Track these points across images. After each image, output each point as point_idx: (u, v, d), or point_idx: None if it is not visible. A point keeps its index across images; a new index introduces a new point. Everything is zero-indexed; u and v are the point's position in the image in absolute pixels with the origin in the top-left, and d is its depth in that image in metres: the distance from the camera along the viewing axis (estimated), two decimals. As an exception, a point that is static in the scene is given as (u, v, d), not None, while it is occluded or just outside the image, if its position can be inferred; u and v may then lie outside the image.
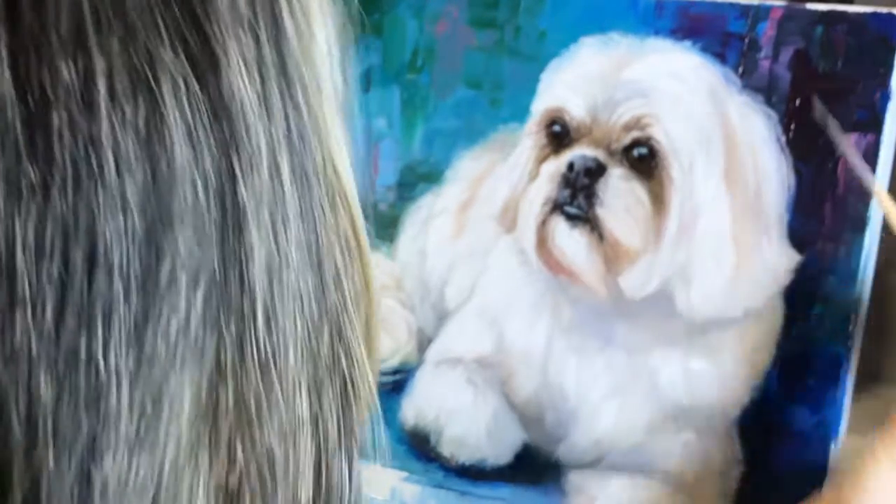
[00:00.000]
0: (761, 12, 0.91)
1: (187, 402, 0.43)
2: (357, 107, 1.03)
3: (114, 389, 0.41)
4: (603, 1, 0.95)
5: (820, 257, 0.89)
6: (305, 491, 0.47)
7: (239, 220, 0.43)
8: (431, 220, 1.01)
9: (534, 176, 0.96)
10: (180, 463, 0.43)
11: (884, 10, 0.88)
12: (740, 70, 0.91)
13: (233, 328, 0.43)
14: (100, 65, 0.40)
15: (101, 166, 0.40)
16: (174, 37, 0.42)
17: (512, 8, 0.98)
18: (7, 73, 0.39)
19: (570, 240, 0.94)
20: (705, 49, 0.92)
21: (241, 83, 0.43)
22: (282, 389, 0.46)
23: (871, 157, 0.88)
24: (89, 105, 0.40)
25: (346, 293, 0.48)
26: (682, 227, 0.91)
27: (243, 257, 0.44)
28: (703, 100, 0.91)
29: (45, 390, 0.40)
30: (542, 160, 0.95)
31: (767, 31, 0.90)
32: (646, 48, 0.93)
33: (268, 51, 0.45)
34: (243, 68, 0.44)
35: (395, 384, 1.02)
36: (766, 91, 0.90)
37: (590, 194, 0.93)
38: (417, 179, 1.01)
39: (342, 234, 0.49)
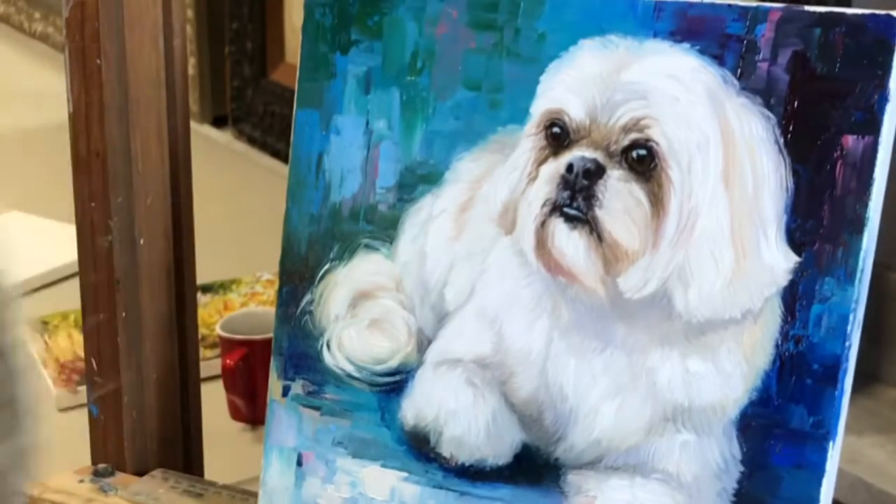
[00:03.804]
0: (760, 14, 0.91)
1: None
2: (357, 108, 1.04)
3: None
4: (602, 3, 0.95)
5: (818, 258, 0.90)
6: None
7: None
8: (431, 221, 1.02)
9: (533, 177, 0.96)
10: None
11: (882, 11, 0.88)
12: (739, 72, 0.91)
13: None
14: None
15: None
16: None
17: (511, 10, 0.98)
18: None
19: (569, 241, 0.94)
20: (704, 51, 0.92)
21: None
22: None
23: (868, 159, 0.88)
24: None
25: None
26: (681, 228, 0.92)
27: None
28: (702, 102, 0.92)
29: None
30: (541, 162, 0.96)
31: (766, 33, 0.91)
32: (644, 50, 0.93)
33: None
34: None
35: (395, 385, 1.02)
36: (764, 93, 0.91)
37: (589, 196, 0.93)
38: (417, 181, 1.02)
39: None
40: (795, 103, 0.90)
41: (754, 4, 0.92)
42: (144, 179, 1.14)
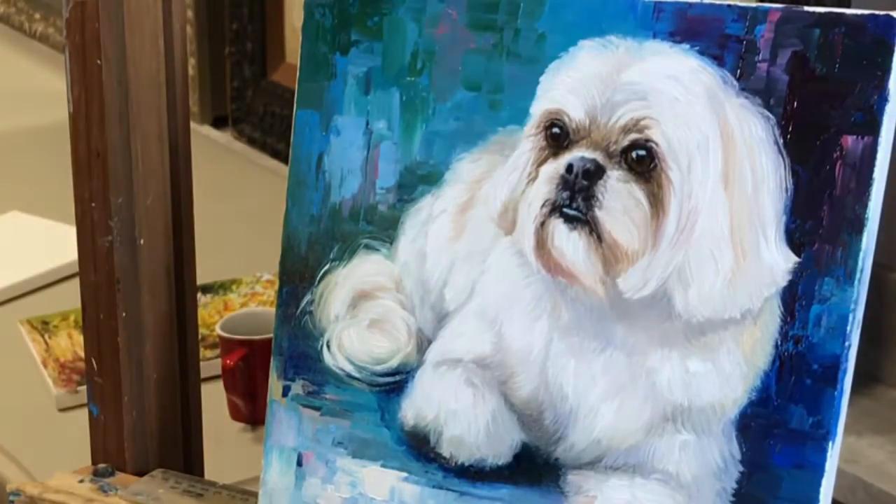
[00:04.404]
0: (759, 15, 0.91)
1: None
2: (357, 109, 1.04)
3: None
4: (601, 4, 0.95)
5: (817, 259, 0.90)
6: None
7: None
8: (431, 221, 1.02)
9: (533, 178, 0.96)
10: None
11: (882, 12, 0.88)
12: (738, 72, 0.92)
13: None
14: None
15: None
16: None
17: (511, 11, 0.98)
18: None
19: (568, 241, 0.94)
20: (703, 52, 0.92)
21: None
22: None
23: (868, 159, 0.88)
24: None
25: None
26: (681, 228, 0.92)
27: None
28: (702, 102, 0.92)
29: None
30: (541, 162, 0.96)
31: (765, 33, 0.91)
32: (644, 51, 0.94)
33: None
34: None
35: (395, 385, 1.02)
36: (763, 93, 0.91)
37: (588, 196, 0.93)
38: (417, 181, 1.02)
39: None
40: (795, 104, 0.90)
41: (754, 5, 0.92)
42: (144, 179, 1.15)
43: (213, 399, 1.46)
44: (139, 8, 1.12)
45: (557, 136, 0.95)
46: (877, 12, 0.88)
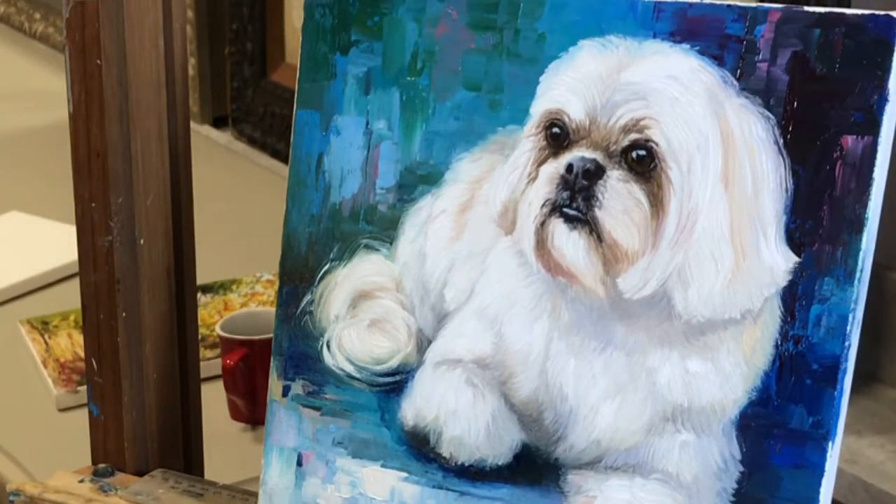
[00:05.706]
0: (759, 15, 0.91)
1: None
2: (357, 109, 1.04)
3: None
4: (601, 4, 0.95)
5: (817, 258, 0.90)
6: None
7: None
8: (431, 221, 1.02)
9: (533, 178, 0.96)
10: None
11: (881, 12, 0.88)
12: (738, 72, 0.92)
13: None
14: None
15: None
16: None
17: (511, 11, 0.98)
18: None
19: (568, 241, 0.94)
20: (703, 52, 0.92)
21: None
22: None
23: (868, 159, 0.88)
24: None
25: None
26: (681, 228, 0.92)
27: None
28: (702, 102, 0.92)
29: None
30: (541, 162, 0.96)
31: (765, 33, 0.91)
32: (644, 51, 0.94)
33: None
34: None
35: (395, 385, 1.02)
36: (764, 93, 0.91)
37: (588, 196, 0.93)
38: (417, 181, 1.02)
39: None
40: (795, 104, 0.90)
41: (754, 5, 0.92)
42: (144, 179, 1.15)
43: (213, 399, 1.46)
44: (139, 8, 1.12)
45: (557, 135, 0.95)
46: (877, 12, 0.88)
